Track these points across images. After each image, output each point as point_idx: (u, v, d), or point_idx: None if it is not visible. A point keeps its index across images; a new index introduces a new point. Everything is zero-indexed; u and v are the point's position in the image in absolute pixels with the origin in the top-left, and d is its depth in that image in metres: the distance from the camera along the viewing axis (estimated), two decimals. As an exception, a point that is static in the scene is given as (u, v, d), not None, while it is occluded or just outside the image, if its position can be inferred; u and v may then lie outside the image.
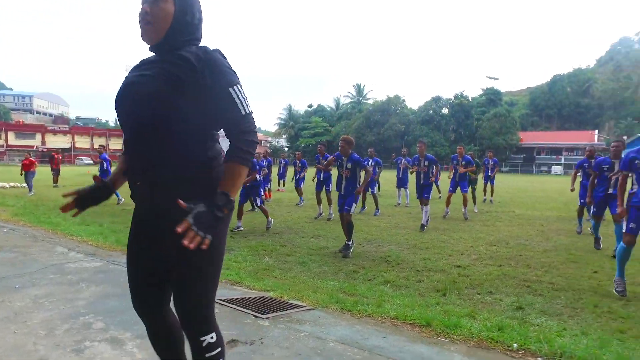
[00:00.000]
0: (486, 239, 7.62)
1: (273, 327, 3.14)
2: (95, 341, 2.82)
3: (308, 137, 75.24)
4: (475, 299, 4.28)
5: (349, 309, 3.76)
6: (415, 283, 4.84)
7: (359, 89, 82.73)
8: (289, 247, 6.70)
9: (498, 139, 62.13)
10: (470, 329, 3.33)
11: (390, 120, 66.12)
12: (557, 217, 10.75)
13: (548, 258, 6.17)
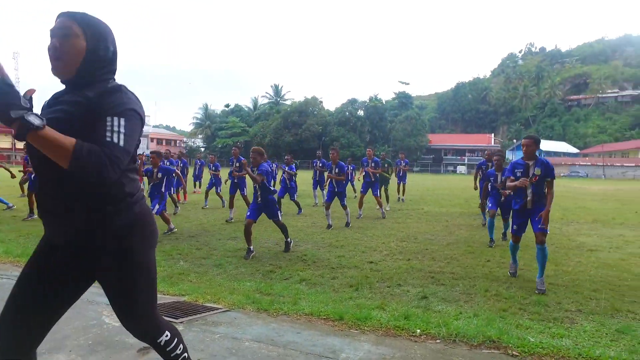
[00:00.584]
0: (397, 235, 8.11)
1: (187, 331, 3.09)
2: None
3: (225, 137, 73.61)
4: (385, 292, 4.57)
5: (265, 308, 3.81)
6: (329, 280, 5.03)
7: (277, 90, 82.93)
8: (205, 250, 6.56)
9: (409, 140, 66.08)
10: (379, 319, 3.56)
11: (308, 121, 67.09)
12: (460, 213, 11.76)
13: (450, 251, 6.75)
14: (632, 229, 9.42)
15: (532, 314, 3.88)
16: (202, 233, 8.00)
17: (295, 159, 13.15)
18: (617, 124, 79.79)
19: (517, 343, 3.09)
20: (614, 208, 14.07)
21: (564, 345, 3.10)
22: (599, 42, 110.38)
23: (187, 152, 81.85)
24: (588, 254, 6.63)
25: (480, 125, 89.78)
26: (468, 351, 3.03)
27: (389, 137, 68.36)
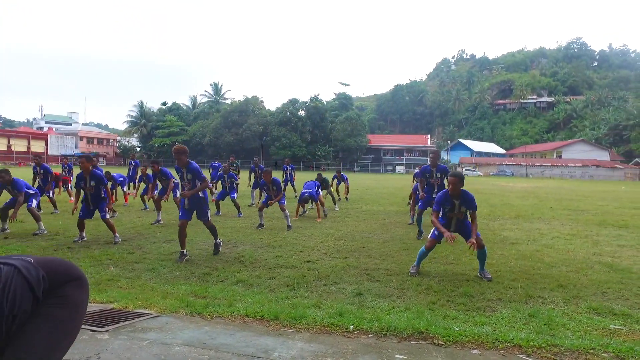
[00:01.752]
0: (335, 234, 8.25)
1: (113, 340, 2.95)
2: None
3: (162, 136, 70.76)
4: (321, 290, 4.63)
5: (199, 311, 3.73)
6: (267, 280, 5.01)
7: (217, 88, 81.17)
8: (137, 254, 6.28)
9: (350, 140, 67.42)
10: (314, 317, 3.62)
11: (249, 120, 66.28)
12: (397, 212, 12.19)
13: (386, 248, 6.98)
14: (546, 222, 10.30)
15: (458, 305, 4.13)
16: (136, 236, 7.64)
17: (236, 158, 13.04)
18: (537, 127, 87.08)
19: (443, 333, 3.27)
20: (533, 204, 15.30)
21: (484, 331, 3.33)
22: (519, 52, 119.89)
23: (121, 152, 77.78)
24: (510, 247, 7.16)
25: (417, 127, 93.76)
26: (398, 343, 3.16)
27: (330, 137, 69.29)
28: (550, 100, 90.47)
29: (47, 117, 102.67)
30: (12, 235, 7.39)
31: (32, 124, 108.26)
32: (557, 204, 15.37)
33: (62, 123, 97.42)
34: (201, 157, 70.28)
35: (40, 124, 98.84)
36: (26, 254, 1.83)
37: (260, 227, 8.71)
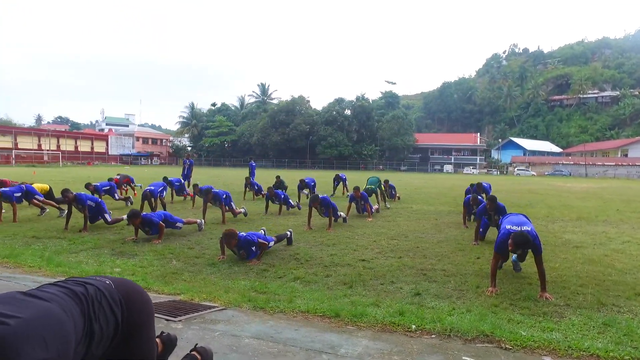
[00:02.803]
0: (387, 233, 8.20)
1: (186, 329, 3.11)
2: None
3: (212, 136, 73.20)
4: (379, 289, 4.63)
5: (261, 306, 3.84)
6: (323, 278, 5.08)
7: (264, 89, 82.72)
8: (197, 249, 6.56)
9: (397, 139, 66.55)
10: (375, 316, 3.63)
11: (296, 120, 67.07)
12: (449, 211, 11.91)
13: (441, 248, 6.85)
14: (614, 225, 9.68)
15: (522, 308, 3.99)
16: (193, 233, 7.98)
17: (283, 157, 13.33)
18: (598, 124, 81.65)
19: (509, 337, 3.18)
20: (596, 206, 14.41)
21: (554, 338, 3.20)
22: (579, 44, 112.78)
23: (174, 152, 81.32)
24: (574, 250, 6.80)
25: (466, 125, 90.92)
26: (463, 345, 3.10)
27: (376, 136, 68.76)
28: (614, 95, 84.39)
29: (108, 119, 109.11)
30: (77, 227, 7.91)
31: (94, 126, 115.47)
32: (624, 206, 14.38)
33: (121, 124, 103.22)
34: (249, 155, 72.12)
35: (101, 126, 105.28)
36: (101, 274, 1.98)
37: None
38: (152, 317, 1.86)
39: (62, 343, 1.37)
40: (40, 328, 1.34)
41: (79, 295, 1.58)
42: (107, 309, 1.63)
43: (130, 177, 15.05)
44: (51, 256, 5.78)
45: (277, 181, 13.91)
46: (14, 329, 1.28)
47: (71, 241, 6.96)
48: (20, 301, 1.43)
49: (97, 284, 1.69)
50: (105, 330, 1.61)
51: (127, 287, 1.79)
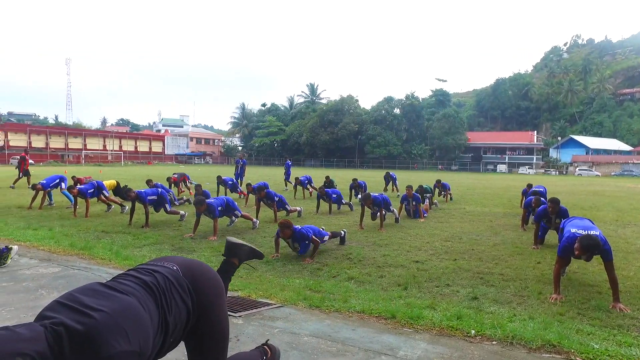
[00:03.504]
0: (441, 235, 8.02)
1: (247, 325, 3.22)
2: None
3: (262, 136, 74.77)
4: (434, 292, 4.55)
5: (317, 305, 3.89)
6: (377, 278, 5.06)
7: (313, 89, 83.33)
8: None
9: (447, 138, 64.72)
10: (431, 319, 3.56)
11: (344, 119, 67.04)
12: (504, 213, 11.45)
13: (497, 251, 6.61)
14: (695, 231, 8.86)
15: (592, 319, 3.76)
16: (247, 230, 8.21)
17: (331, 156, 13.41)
18: (674, 119, 74.80)
19: (580, 349, 3.00)
20: (672, 209, 13.27)
21: (633, 354, 2.98)
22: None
23: (225, 151, 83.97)
24: (649, 257, 6.31)
25: (521, 123, 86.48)
26: (527, 354, 2.98)
27: (426, 135, 67.29)
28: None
29: (164, 121, 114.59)
30: (140, 223, 8.36)
31: (152, 127, 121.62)
32: None
33: (176, 125, 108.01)
34: (298, 155, 72.98)
35: (158, 127, 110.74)
36: (170, 255, 2.05)
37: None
38: (221, 296, 1.88)
39: (142, 336, 1.45)
40: (123, 321, 1.41)
41: (151, 286, 1.63)
42: (177, 299, 1.68)
43: (187, 174, 15.73)
44: (119, 250, 6.16)
45: (327, 181, 13.99)
46: (99, 321, 1.37)
47: (135, 236, 7.38)
48: (102, 293, 1.52)
49: (165, 272, 1.73)
50: (178, 320, 1.68)
51: (193, 271, 1.82)
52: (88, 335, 1.33)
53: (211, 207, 7.43)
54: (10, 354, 1.19)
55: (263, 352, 2.37)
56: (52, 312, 1.41)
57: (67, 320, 1.35)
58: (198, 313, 1.76)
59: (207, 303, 1.79)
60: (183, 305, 1.71)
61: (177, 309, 1.67)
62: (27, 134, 62.20)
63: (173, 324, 1.65)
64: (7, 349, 1.20)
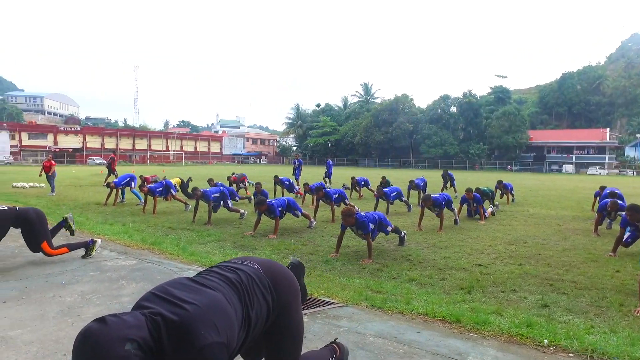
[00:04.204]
0: (504, 238, 7.70)
1: (312, 323, 3.28)
2: None
3: (316, 136, 75.40)
4: (499, 297, 4.38)
5: (379, 305, 3.88)
6: (439, 281, 4.96)
7: (367, 88, 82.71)
8: (310, 246, 6.84)
9: (507, 137, 61.80)
10: (499, 325, 3.44)
11: (399, 119, 66.04)
12: (573, 217, 10.77)
13: (568, 257, 6.23)
14: None
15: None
16: (306, 230, 8.33)
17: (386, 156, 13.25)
18: None
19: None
20: None
21: None
22: None
23: (280, 151, 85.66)
24: None
25: (591, 119, 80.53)
26: (608, 368, 2.80)
27: (484, 134, 64.67)
28: None
29: (222, 122, 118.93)
30: (202, 221, 8.75)
31: (210, 128, 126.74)
32: None
33: (232, 126, 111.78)
34: (352, 155, 72.86)
35: (216, 128, 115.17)
36: (250, 256, 2.12)
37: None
38: (298, 295, 1.97)
39: (229, 329, 1.54)
40: (212, 314, 1.51)
41: (235, 283, 1.73)
42: (259, 296, 1.77)
43: (245, 175, 16.25)
44: (185, 246, 6.49)
45: (383, 181, 13.87)
46: (192, 313, 1.48)
47: (199, 233, 7.74)
48: (191, 288, 1.63)
49: (247, 270, 1.82)
50: (260, 316, 1.76)
51: (273, 270, 1.91)
52: (183, 326, 1.44)
53: (272, 207, 7.62)
54: (122, 339, 1.32)
55: (332, 350, 2.42)
56: (149, 303, 1.54)
57: (163, 310, 1.47)
58: (277, 312, 1.84)
59: (285, 302, 1.87)
60: (264, 302, 1.79)
61: (258, 306, 1.75)
62: (101, 137, 67.20)
63: (255, 320, 1.73)
64: (119, 334, 1.33)
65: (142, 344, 1.36)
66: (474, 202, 9.84)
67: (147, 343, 1.38)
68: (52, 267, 4.84)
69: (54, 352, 2.76)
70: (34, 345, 2.84)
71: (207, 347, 1.43)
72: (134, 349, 1.34)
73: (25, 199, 12.24)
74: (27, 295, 3.86)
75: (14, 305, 3.61)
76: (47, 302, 3.68)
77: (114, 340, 1.31)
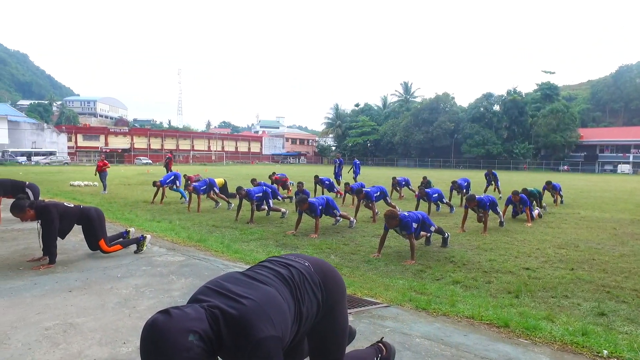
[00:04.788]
0: (553, 241, 7.39)
1: (358, 322, 3.30)
2: None
3: (355, 136, 75.18)
4: (550, 302, 4.22)
5: (423, 307, 3.83)
6: (484, 284, 4.83)
7: (407, 87, 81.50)
8: (351, 245, 6.84)
9: (555, 136, 59.09)
10: (551, 332, 3.31)
11: (439, 118, 64.70)
12: (631, 220, 10.16)
13: (627, 264, 5.90)
14: None
15: None
16: (347, 229, 8.34)
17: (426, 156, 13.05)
18: None
19: None
20: None
21: None
22: None
23: (319, 151, 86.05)
24: None
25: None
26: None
27: (530, 133, 62.13)
28: None
29: (262, 122, 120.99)
30: (244, 219, 8.94)
31: (250, 129, 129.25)
32: None
33: (272, 127, 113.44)
34: (391, 155, 72.09)
35: (256, 128, 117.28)
36: (299, 253, 2.16)
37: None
38: (345, 294, 2.00)
39: (283, 323, 1.59)
40: (268, 309, 1.56)
41: (287, 278, 1.77)
42: (310, 293, 1.80)
43: (286, 175, 16.47)
44: (229, 243, 6.67)
45: (425, 181, 13.65)
46: (248, 308, 1.53)
47: (242, 231, 7.93)
48: (245, 282, 1.69)
49: (298, 267, 1.86)
50: (310, 312, 1.79)
51: (323, 268, 1.94)
52: (241, 319, 1.50)
53: (313, 206, 7.69)
54: (185, 330, 1.39)
55: (378, 349, 2.42)
56: (205, 297, 1.60)
57: (221, 304, 1.53)
58: (325, 310, 1.87)
59: (333, 301, 1.89)
60: (314, 299, 1.82)
61: (309, 302, 1.79)
62: (147, 138, 70.09)
63: (305, 315, 1.77)
64: (183, 325, 1.40)
65: (203, 336, 1.43)
66: (520, 204, 9.50)
67: (207, 335, 1.45)
68: (109, 261, 5.12)
69: (114, 339, 2.93)
70: (98, 333, 3.04)
71: (264, 340, 1.48)
72: (197, 340, 1.40)
73: (82, 197, 12.98)
74: (89, 286, 4.12)
75: (78, 295, 3.88)
76: (106, 293, 3.92)
77: (178, 332, 1.39)
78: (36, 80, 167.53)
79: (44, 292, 3.93)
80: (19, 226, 7.46)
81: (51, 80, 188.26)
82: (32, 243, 5.90)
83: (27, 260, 5.07)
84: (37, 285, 4.14)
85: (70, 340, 2.92)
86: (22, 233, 6.89)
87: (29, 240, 6.10)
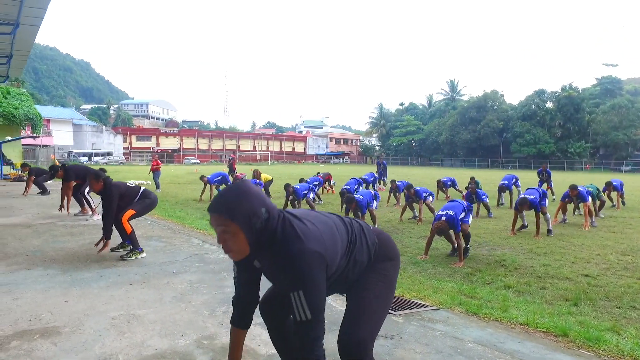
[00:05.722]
0: (615, 247, 6.96)
1: (407, 324, 3.27)
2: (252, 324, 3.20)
3: (400, 135, 74.22)
4: (615, 313, 3.98)
5: (474, 311, 3.74)
6: (538, 290, 4.65)
7: (453, 85, 79.42)
8: (398, 246, 6.69)
9: (616, 134, 55.41)
10: (617, 345, 3.12)
11: (488, 116, 62.54)
12: (703, 226, 9.37)
13: (702, 273, 5.46)
14: None
15: None
16: (393, 230, 8.27)
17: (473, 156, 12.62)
18: None
19: None
20: None
21: None
22: None
23: (363, 151, 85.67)
24: None
25: None
26: None
27: (587, 131, 58.64)
28: None
29: (306, 122, 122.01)
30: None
31: (295, 129, 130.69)
32: None
33: (316, 127, 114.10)
34: (437, 155, 70.50)
35: (300, 128, 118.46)
36: None
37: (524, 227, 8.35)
38: (397, 271, 2.07)
39: (332, 249, 1.73)
40: (323, 231, 1.74)
41: (346, 223, 1.94)
42: (364, 244, 1.92)
43: (330, 174, 16.55)
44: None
45: (472, 182, 13.24)
46: (308, 226, 1.72)
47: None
48: (311, 213, 1.87)
49: (361, 224, 2.01)
50: (359, 258, 1.90)
51: (383, 235, 2.07)
52: (298, 228, 1.69)
53: (360, 204, 7.70)
54: (262, 201, 1.68)
55: None
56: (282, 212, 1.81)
57: (290, 216, 1.76)
58: (374, 267, 1.93)
59: (382, 267, 1.95)
60: (367, 251, 1.93)
61: (361, 250, 1.91)
62: (195, 138, 72.61)
63: (354, 260, 1.88)
64: (262, 196, 1.69)
65: (268, 217, 1.67)
66: (578, 199, 8.97)
67: (272, 222, 1.68)
68: (164, 257, 5.38)
69: (173, 332, 3.09)
70: (157, 324, 3.22)
71: (310, 250, 1.62)
72: (264, 215, 1.65)
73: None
74: (147, 280, 4.36)
75: (138, 288, 4.12)
76: (163, 287, 4.13)
77: (257, 197, 1.66)
78: (96, 86, 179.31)
79: (108, 284, 4.20)
80: (85, 222, 7.98)
81: (109, 85, 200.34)
82: (98, 237, 6.25)
83: (94, 245, 5.57)
84: (103, 278, 4.44)
85: (134, 330, 3.11)
86: (87, 228, 7.37)
87: (94, 235, 6.50)
